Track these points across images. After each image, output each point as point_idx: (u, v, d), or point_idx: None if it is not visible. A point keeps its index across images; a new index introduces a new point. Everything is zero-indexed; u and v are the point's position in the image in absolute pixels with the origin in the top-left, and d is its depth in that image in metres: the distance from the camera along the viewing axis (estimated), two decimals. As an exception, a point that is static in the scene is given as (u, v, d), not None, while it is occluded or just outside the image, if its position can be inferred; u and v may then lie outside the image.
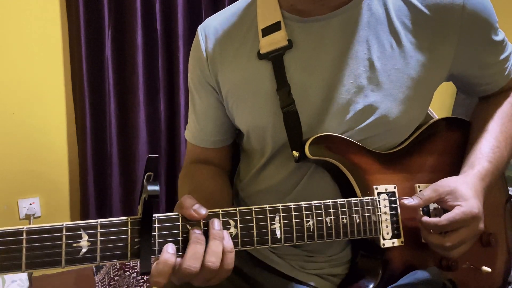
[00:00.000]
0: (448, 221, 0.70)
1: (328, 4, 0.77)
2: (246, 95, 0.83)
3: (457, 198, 0.72)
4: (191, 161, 0.98)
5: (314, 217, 0.70)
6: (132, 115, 2.10)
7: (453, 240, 0.71)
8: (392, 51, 0.77)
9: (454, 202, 0.72)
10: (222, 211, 0.65)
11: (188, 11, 2.11)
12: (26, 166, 2.03)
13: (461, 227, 0.71)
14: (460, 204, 0.71)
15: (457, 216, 0.70)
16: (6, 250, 0.54)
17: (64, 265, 0.56)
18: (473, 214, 0.71)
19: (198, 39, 0.89)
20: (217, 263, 0.61)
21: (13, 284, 1.60)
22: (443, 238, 0.72)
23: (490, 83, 0.88)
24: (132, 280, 2.07)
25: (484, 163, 0.80)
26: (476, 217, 0.71)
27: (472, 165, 0.80)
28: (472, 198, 0.72)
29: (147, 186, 0.56)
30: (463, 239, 0.72)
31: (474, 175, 0.78)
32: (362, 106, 0.77)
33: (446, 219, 0.71)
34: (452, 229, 0.71)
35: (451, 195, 0.73)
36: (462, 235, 0.72)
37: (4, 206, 2.03)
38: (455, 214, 0.71)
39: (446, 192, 0.74)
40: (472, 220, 0.71)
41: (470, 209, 0.71)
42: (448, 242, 0.71)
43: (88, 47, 1.94)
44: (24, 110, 1.98)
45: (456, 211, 0.71)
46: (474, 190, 0.74)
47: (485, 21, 0.78)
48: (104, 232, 0.58)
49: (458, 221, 0.70)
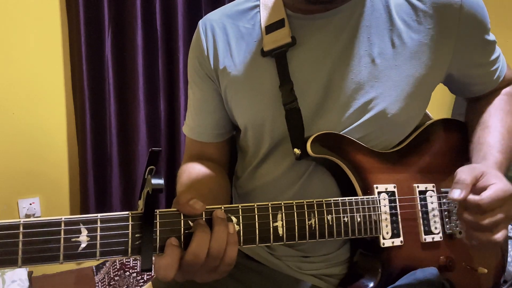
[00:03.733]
0: (490, 198, 0.67)
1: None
2: (246, 90, 0.83)
3: (491, 178, 0.70)
4: (190, 157, 0.98)
5: (316, 215, 0.70)
6: (132, 115, 2.09)
7: (490, 218, 0.68)
8: (393, 48, 0.78)
9: (488, 182, 0.70)
10: (225, 207, 0.64)
11: (188, 11, 2.11)
12: (26, 166, 2.03)
13: (499, 206, 0.69)
14: (495, 182, 0.69)
15: (498, 192, 0.68)
16: (2, 244, 0.52)
17: (63, 260, 0.55)
18: (510, 191, 0.69)
19: (198, 33, 0.89)
20: (221, 250, 0.60)
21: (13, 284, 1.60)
22: (480, 217, 0.69)
23: (482, 83, 0.89)
24: (132, 280, 2.07)
25: (495, 153, 0.80)
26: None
27: (484, 157, 0.80)
28: (503, 178, 0.71)
29: (151, 180, 0.54)
30: (499, 218, 0.69)
31: (491, 165, 0.77)
32: (362, 102, 0.77)
33: (488, 196, 0.68)
34: (492, 208, 0.68)
35: (484, 176, 0.71)
36: (499, 214, 0.69)
37: (4, 206, 2.02)
38: (495, 191, 0.68)
39: (480, 173, 0.71)
40: (509, 198, 0.69)
41: (506, 186, 0.69)
42: (486, 220, 0.68)
43: (88, 47, 1.93)
44: (24, 110, 1.97)
45: (494, 187, 0.68)
46: (501, 173, 0.73)
47: (481, 21, 0.80)
48: (104, 227, 0.57)
49: (499, 199, 0.68)
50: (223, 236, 0.61)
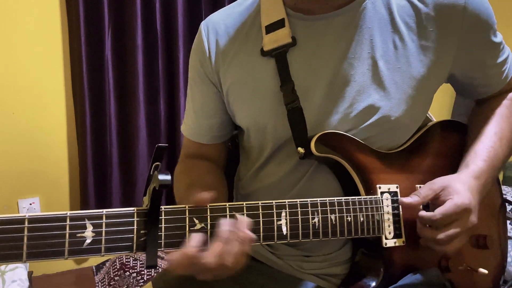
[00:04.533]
0: (441, 214, 0.71)
1: (331, 3, 0.78)
2: (248, 92, 0.83)
3: (450, 193, 0.73)
4: (187, 156, 0.98)
5: (319, 214, 0.70)
6: (132, 115, 2.09)
7: (445, 233, 0.72)
8: (395, 50, 0.77)
9: (447, 196, 0.73)
10: (229, 205, 0.64)
11: (188, 11, 2.11)
12: (26, 166, 2.02)
13: (454, 220, 0.72)
14: (452, 198, 0.72)
15: (449, 208, 0.71)
16: (7, 239, 0.52)
17: (67, 256, 0.54)
18: (465, 205, 0.72)
19: (200, 34, 0.89)
20: (232, 262, 0.60)
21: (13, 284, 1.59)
22: (435, 232, 0.72)
23: (488, 85, 0.89)
24: (132, 280, 2.06)
25: (478, 162, 0.81)
26: (468, 209, 0.72)
27: (466, 164, 0.82)
28: (464, 191, 0.73)
29: (157, 176, 0.54)
30: (455, 232, 0.72)
31: (468, 173, 0.79)
32: (365, 105, 0.77)
33: (440, 212, 0.71)
34: (446, 223, 0.72)
35: (445, 190, 0.74)
36: (454, 229, 0.72)
37: (4, 206, 2.02)
38: (448, 207, 0.71)
39: (440, 188, 0.75)
40: (464, 212, 0.72)
41: (461, 200, 0.72)
42: (440, 235, 0.72)
43: (88, 47, 1.93)
44: (24, 110, 1.97)
45: (449, 203, 0.72)
46: (467, 185, 0.75)
47: (485, 22, 0.79)
48: (109, 222, 0.56)
49: (450, 214, 0.71)
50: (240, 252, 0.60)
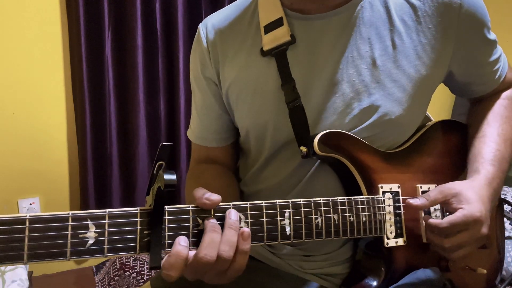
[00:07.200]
0: (449, 223, 0.71)
1: (327, 3, 0.78)
2: (248, 91, 0.83)
3: (461, 201, 0.73)
4: (197, 162, 0.98)
5: (322, 214, 0.70)
6: (132, 115, 2.09)
7: (452, 242, 0.72)
8: (393, 49, 0.78)
9: (457, 205, 0.73)
10: (233, 205, 0.64)
11: (188, 11, 2.11)
12: (26, 166, 2.02)
13: (462, 230, 0.72)
14: (463, 207, 0.72)
15: (458, 219, 0.71)
16: (7, 240, 0.50)
17: (70, 257, 0.53)
18: (475, 217, 0.71)
19: (199, 36, 0.89)
20: (231, 253, 0.59)
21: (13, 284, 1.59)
22: (443, 239, 0.72)
23: (483, 83, 0.89)
24: (132, 280, 2.06)
25: (488, 167, 0.81)
26: (478, 221, 0.71)
27: (477, 170, 0.81)
28: (475, 202, 0.72)
29: (162, 175, 0.53)
30: (463, 242, 0.72)
31: (481, 180, 0.79)
32: (365, 105, 0.77)
33: (448, 221, 0.71)
34: (452, 232, 0.72)
35: (456, 198, 0.74)
36: (462, 238, 0.72)
37: (4, 206, 2.01)
38: (456, 217, 0.71)
39: (452, 195, 0.74)
40: (473, 224, 0.71)
41: (472, 212, 0.71)
42: (447, 243, 0.72)
43: (88, 47, 1.93)
44: (24, 110, 1.97)
45: (458, 214, 0.71)
46: (480, 195, 0.74)
47: (481, 18, 0.80)
48: (112, 223, 0.55)
49: (459, 224, 0.71)
50: (233, 240, 0.60)
